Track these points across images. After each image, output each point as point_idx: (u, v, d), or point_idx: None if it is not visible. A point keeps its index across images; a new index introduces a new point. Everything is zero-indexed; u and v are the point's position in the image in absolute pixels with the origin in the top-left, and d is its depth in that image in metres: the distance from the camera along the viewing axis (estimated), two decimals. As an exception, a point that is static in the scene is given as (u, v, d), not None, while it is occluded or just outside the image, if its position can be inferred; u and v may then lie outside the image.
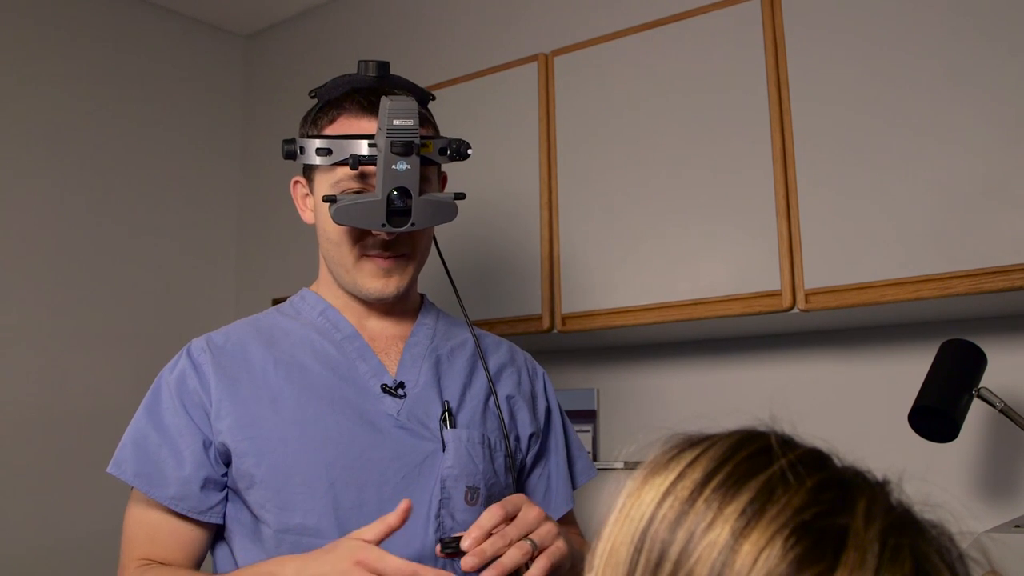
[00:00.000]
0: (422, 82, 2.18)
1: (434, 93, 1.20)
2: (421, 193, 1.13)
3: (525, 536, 1.03)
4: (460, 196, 1.19)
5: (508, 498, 1.05)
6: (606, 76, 1.83)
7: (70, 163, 2.46)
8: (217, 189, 2.81)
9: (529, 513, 1.04)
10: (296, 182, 1.27)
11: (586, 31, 2.05)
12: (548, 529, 1.05)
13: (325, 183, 1.18)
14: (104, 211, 2.51)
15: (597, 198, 1.81)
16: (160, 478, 1.13)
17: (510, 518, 1.03)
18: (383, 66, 1.22)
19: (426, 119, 1.23)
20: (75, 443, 2.35)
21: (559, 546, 1.05)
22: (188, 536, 1.15)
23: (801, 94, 1.59)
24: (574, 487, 1.37)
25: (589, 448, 2.05)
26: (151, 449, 1.14)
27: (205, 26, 2.85)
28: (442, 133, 1.26)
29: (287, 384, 1.16)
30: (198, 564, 1.18)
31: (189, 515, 1.14)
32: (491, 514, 1.02)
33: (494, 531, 1.01)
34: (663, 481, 0.49)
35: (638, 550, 0.47)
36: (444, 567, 1.12)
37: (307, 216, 1.26)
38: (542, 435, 1.33)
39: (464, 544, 1.00)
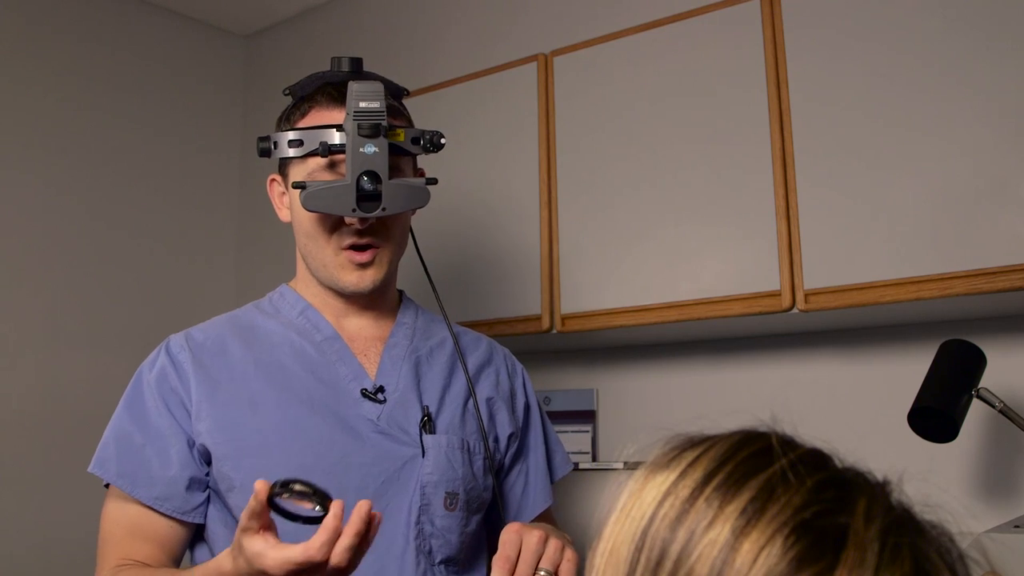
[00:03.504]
0: (421, 83, 2.19)
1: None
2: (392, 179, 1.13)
3: (537, 568, 0.99)
4: (432, 181, 1.18)
5: (504, 541, 1.00)
6: (606, 76, 1.83)
7: (69, 163, 2.46)
8: (216, 189, 2.81)
9: (531, 542, 1.00)
10: (272, 180, 1.26)
11: (586, 31, 2.06)
12: (554, 548, 1.01)
13: (298, 176, 1.17)
14: (103, 211, 2.51)
15: (596, 198, 1.81)
16: (145, 478, 1.12)
17: (514, 564, 0.99)
18: (356, 61, 1.21)
19: (399, 111, 1.23)
20: (72, 444, 2.35)
21: (569, 558, 1.02)
22: (169, 534, 1.14)
23: (801, 94, 1.59)
24: (552, 481, 1.36)
25: (588, 449, 2.05)
26: (134, 448, 1.13)
27: (205, 26, 2.85)
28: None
29: (267, 386, 1.16)
30: (178, 562, 1.16)
31: (173, 515, 1.12)
32: (500, 570, 0.98)
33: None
34: (664, 481, 0.49)
35: (639, 549, 0.47)
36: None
37: (284, 215, 1.25)
38: (520, 433, 1.32)
39: None
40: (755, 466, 0.47)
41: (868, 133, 1.51)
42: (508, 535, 1.00)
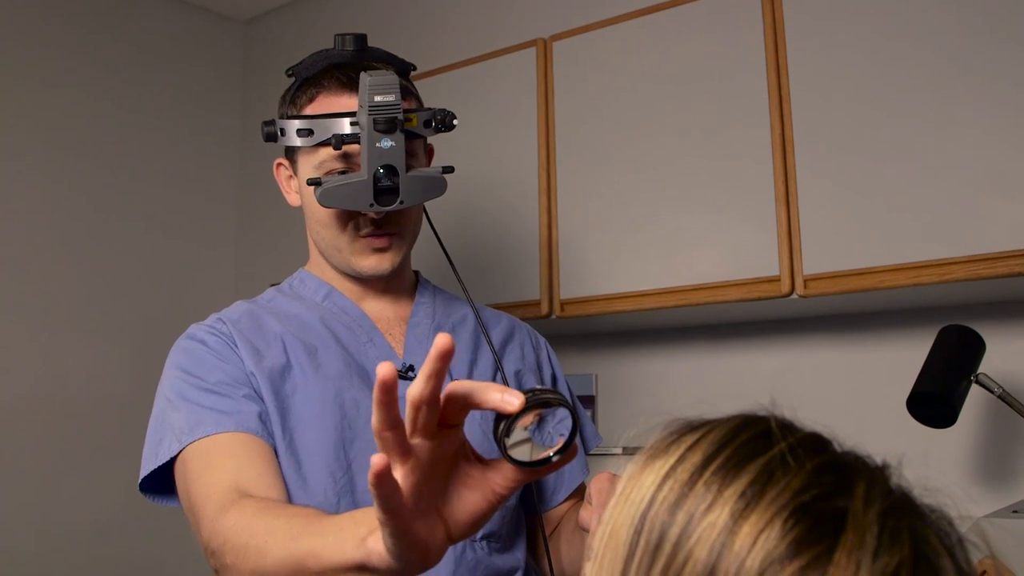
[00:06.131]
0: (420, 68, 2.17)
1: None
2: (408, 169, 1.10)
3: None
4: (448, 169, 1.16)
5: (599, 490, 0.93)
6: (605, 62, 1.83)
7: (68, 151, 2.45)
8: (216, 176, 2.80)
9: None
10: (279, 164, 1.24)
11: (585, 16, 2.05)
12: None
13: (308, 165, 1.15)
14: (102, 199, 2.51)
15: (596, 184, 1.80)
16: (240, 416, 1.06)
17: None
18: (360, 39, 1.18)
19: (408, 91, 1.20)
20: (74, 432, 2.35)
21: None
22: (264, 448, 1.06)
23: (800, 80, 1.58)
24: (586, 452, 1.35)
25: (588, 434, 2.06)
26: (217, 405, 1.07)
27: (204, 11, 2.84)
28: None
29: (306, 359, 1.14)
30: (282, 480, 1.07)
31: (259, 434, 1.06)
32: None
33: None
34: (663, 464, 0.49)
35: (638, 532, 0.47)
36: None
37: (292, 199, 1.23)
38: None
39: None
40: (754, 450, 0.47)
41: (868, 119, 1.51)
42: (602, 484, 0.95)
